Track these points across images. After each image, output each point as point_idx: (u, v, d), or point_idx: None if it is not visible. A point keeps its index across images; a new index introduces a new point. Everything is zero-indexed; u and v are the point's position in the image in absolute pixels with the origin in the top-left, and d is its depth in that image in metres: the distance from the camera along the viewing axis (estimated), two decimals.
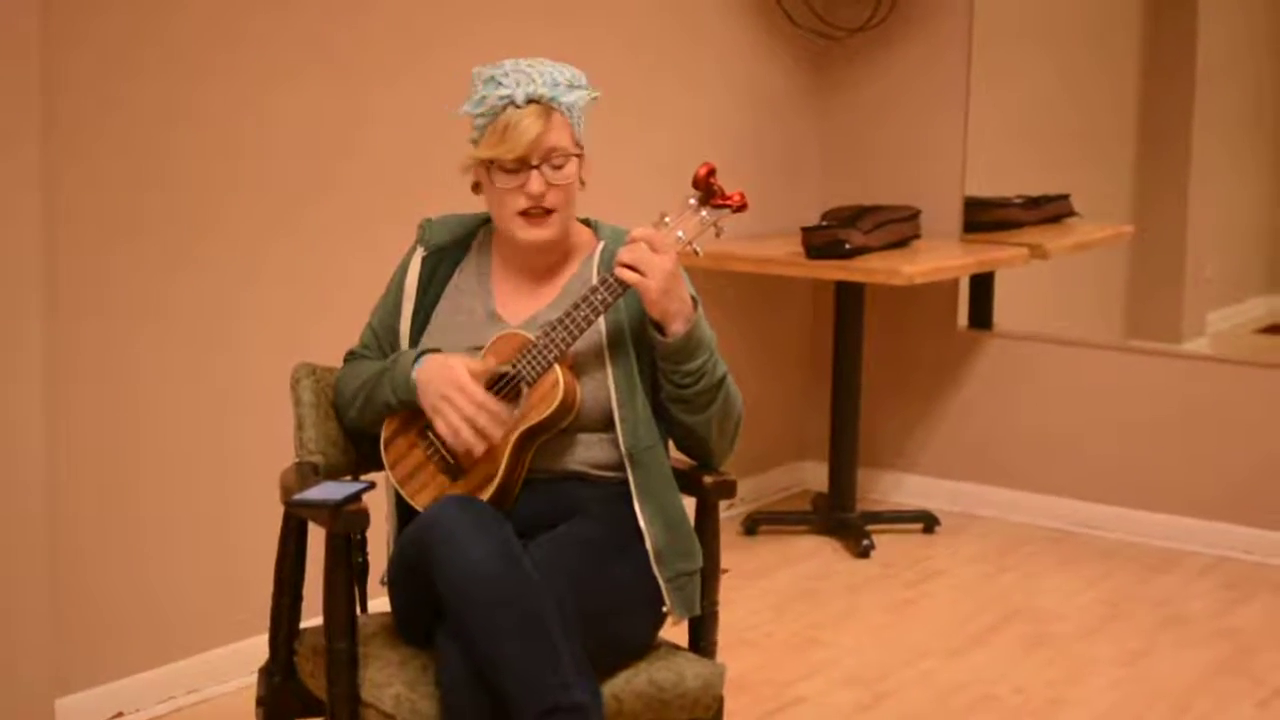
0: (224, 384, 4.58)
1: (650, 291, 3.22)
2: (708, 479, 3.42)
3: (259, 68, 4.58)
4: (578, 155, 3.36)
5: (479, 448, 3.26)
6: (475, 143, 3.35)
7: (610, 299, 3.26)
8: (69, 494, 4.26)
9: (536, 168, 3.31)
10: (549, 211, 3.34)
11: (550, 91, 3.31)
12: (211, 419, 4.57)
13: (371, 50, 4.87)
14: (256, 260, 4.63)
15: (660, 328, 3.27)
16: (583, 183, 3.42)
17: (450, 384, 3.25)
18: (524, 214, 3.34)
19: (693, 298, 3.29)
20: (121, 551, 4.41)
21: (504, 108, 3.30)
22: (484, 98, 3.32)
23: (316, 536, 3.32)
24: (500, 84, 3.32)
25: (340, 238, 4.81)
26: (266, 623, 3.52)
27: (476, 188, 3.41)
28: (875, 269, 5.76)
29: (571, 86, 3.36)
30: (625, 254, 3.23)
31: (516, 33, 5.25)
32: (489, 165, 3.33)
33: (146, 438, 4.44)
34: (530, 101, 3.30)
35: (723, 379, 3.34)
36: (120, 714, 4.43)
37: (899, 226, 6.18)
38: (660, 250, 3.23)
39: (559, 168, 3.32)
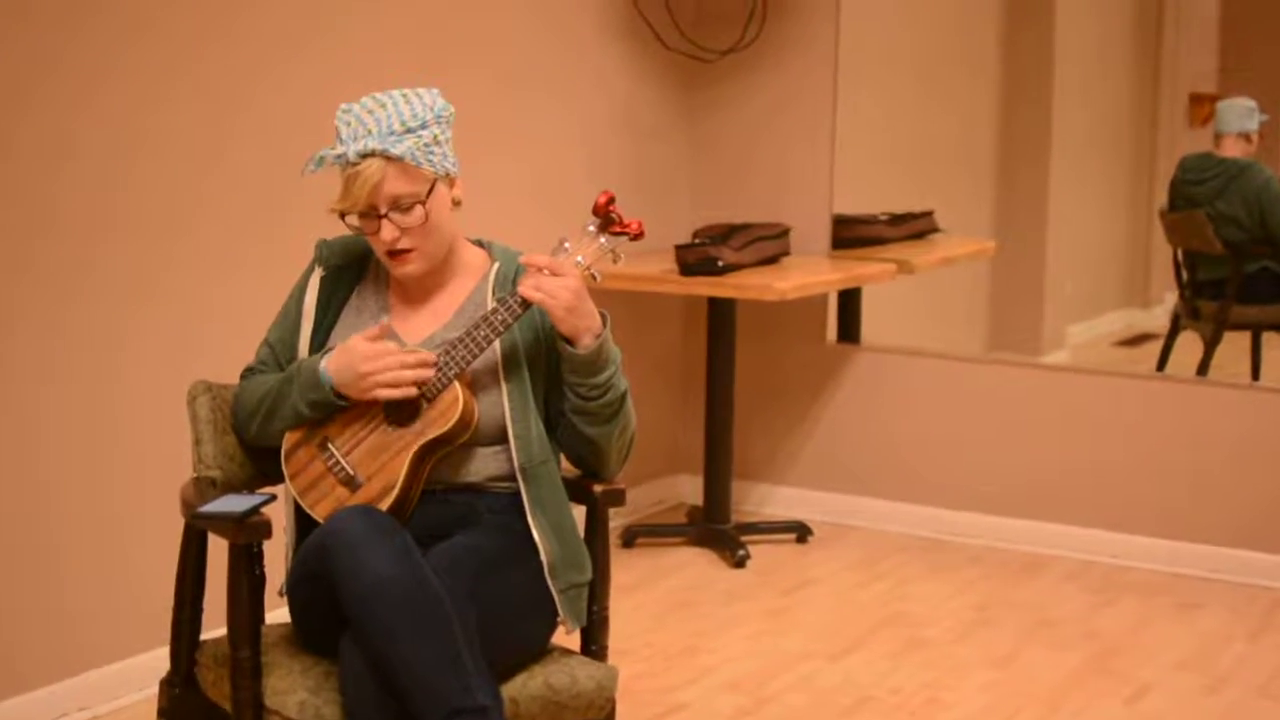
0: (113, 403, 4.62)
1: (557, 310, 3.32)
2: (598, 488, 3.53)
3: (135, 98, 4.62)
4: (429, 193, 3.39)
5: (427, 374, 3.34)
6: None
7: (510, 319, 3.35)
8: None
9: (384, 216, 3.37)
10: (410, 250, 3.42)
11: (381, 144, 3.34)
12: (103, 437, 4.60)
13: (245, 72, 4.91)
14: (146, 281, 4.67)
15: (570, 341, 3.36)
16: (457, 202, 3.49)
17: (361, 359, 3.34)
18: (387, 253, 3.43)
19: (601, 314, 3.39)
20: (11, 569, 4.43)
21: (344, 164, 3.37)
22: (322, 156, 3.39)
23: (215, 549, 3.39)
24: (341, 139, 3.37)
25: (223, 258, 4.87)
26: (157, 638, 3.58)
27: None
28: (747, 285, 5.88)
29: (407, 131, 3.36)
30: (528, 282, 3.33)
31: (390, 53, 5.32)
32: (346, 215, 3.41)
33: (35, 456, 4.46)
34: (364, 156, 3.35)
35: (625, 393, 3.45)
36: None
37: (769, 244, 6.29)
38: (561, 273, 3.33)
39: (407, 210, 3.38)
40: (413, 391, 3.35)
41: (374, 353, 3.34)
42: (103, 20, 4.49)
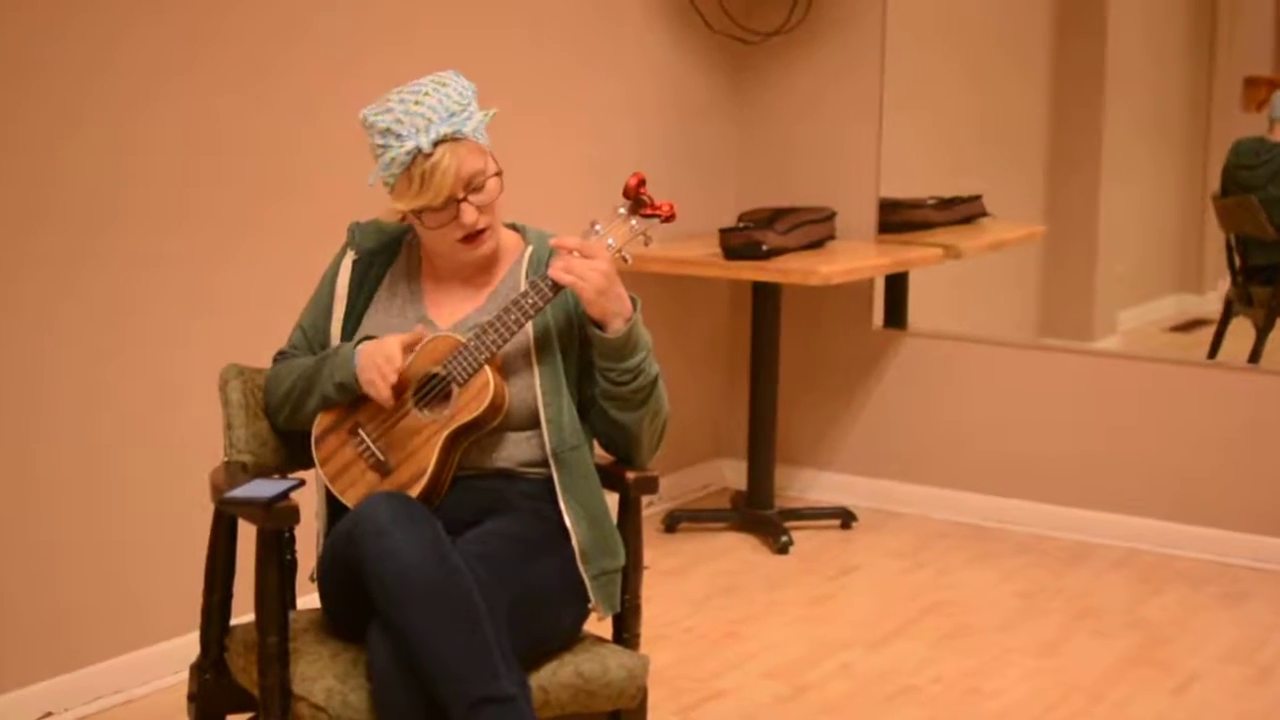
0: (152, 387, 4.61)
1: (587, 293, 3.29)
2: (630, 475, 3.49)
3: (208, 80, 4.62)
4: (497, 173, 3.41)
5: (383, 394, 3.32)
6: (390, 188, 3.39)
7: (540, 303, 3.32)
8: None
9: (463, 200, 3.36)
10: (486, 228, 3.41)
11: (450, 126, 3.33)
12: (134, 419, 4.60)
13: (307, 63, 4.91)
14: (147, 269, 4.63)
15: (600, 325, 3.34)
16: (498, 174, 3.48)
17: (380, 355, 3.33)
18: (462, 240, 3.41)
19: (632, 298, 3.36)
20: (48, 553, 4.42)
21: (414, 159, 3.34)
22: (392, 158, 3.34)
23: (246, 534, 3.37)
24: (399, 135, 3.33)
25: (285, 243, 4.85)
26: (192, 622, 3.57)
27: (405, 216, 3.46)
28: (791, 269, 5.84)
29: (465, 108, 3.37)
30: (558, 264, 3.30)
31: (433, 38, 5.30)
32: (419, 213, 3.38)
33: (66, 439, 4.45)
34: (437, 143, 3.34)
35: (655, 378, 3.42)
36: (49, 714, 4.44)
37: (815, 228, 6.25)
38: (592, 256, 3.30)
39: (480, 189, 3.38)
40: (384, 396, 3.33)
41: (386, 355, 3.33)
42: None
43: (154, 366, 4.63)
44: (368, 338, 3.42)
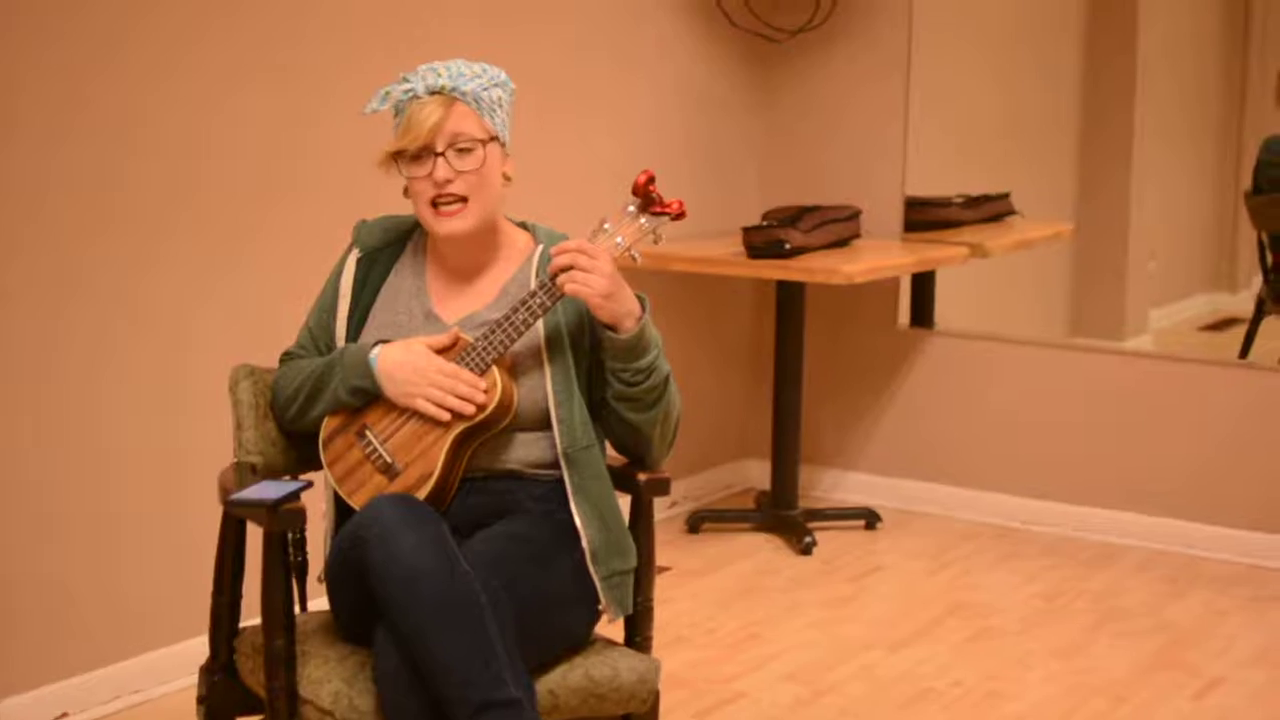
0: (169, 386, 4.60)
1: (594, 299, 3.26)
2: (642, 476, 3.45)
3: (214, 74, 4.61)
4: (487, 142, 3.38)
5: (468, 409, 3.29)
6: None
7: (549, 302, 3.30)
8: (11, 494, 4.27)
9: (440, 154, 3.34)
10: (462, 200, 3.37)
11: (451, 82, 3.35)
12: (157, 420, 4.58)
13: (320, 55, 4.89)
14: (208, 265, 4.65)
15: (611, 328, 3.31)
16: (507, 178, 3.46)
17: (437, 373, 3.30)
18: (434, 206, 3.38)
19: (639, 297, 3.33)
20: (65, 552, 4.42)
21: (408, 101, 3.35)
22: (388, 93, 3.38)
23: (256, 535, 3.35)
24: (407, 80, 3.38)
25: (289, 242, 4.83)
26: (206, 624, 3.56)
27: (407, 191, 3.45)
28: (815, 268, 5.80)
29: (477, 78, 3.38)
30: (562, 277, 3.26)
31: (458, 31, 5.28)
32: (399, 159, 3.37)
33: (90, 437, 4.44)
34: (432, 93, 3.35)
35: (667, 377, 3.39)
36: (65, 714, 4.43)
37: (839, 226, 6.21)
38: (593, 257, 3.27)
39: (465, 152, 3.36)
40: (446, 416, 3.31)
41: (450, 371, 3.30)
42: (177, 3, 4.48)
43: (159, 368, 4.60)
44: (382, 341, 3.39)
